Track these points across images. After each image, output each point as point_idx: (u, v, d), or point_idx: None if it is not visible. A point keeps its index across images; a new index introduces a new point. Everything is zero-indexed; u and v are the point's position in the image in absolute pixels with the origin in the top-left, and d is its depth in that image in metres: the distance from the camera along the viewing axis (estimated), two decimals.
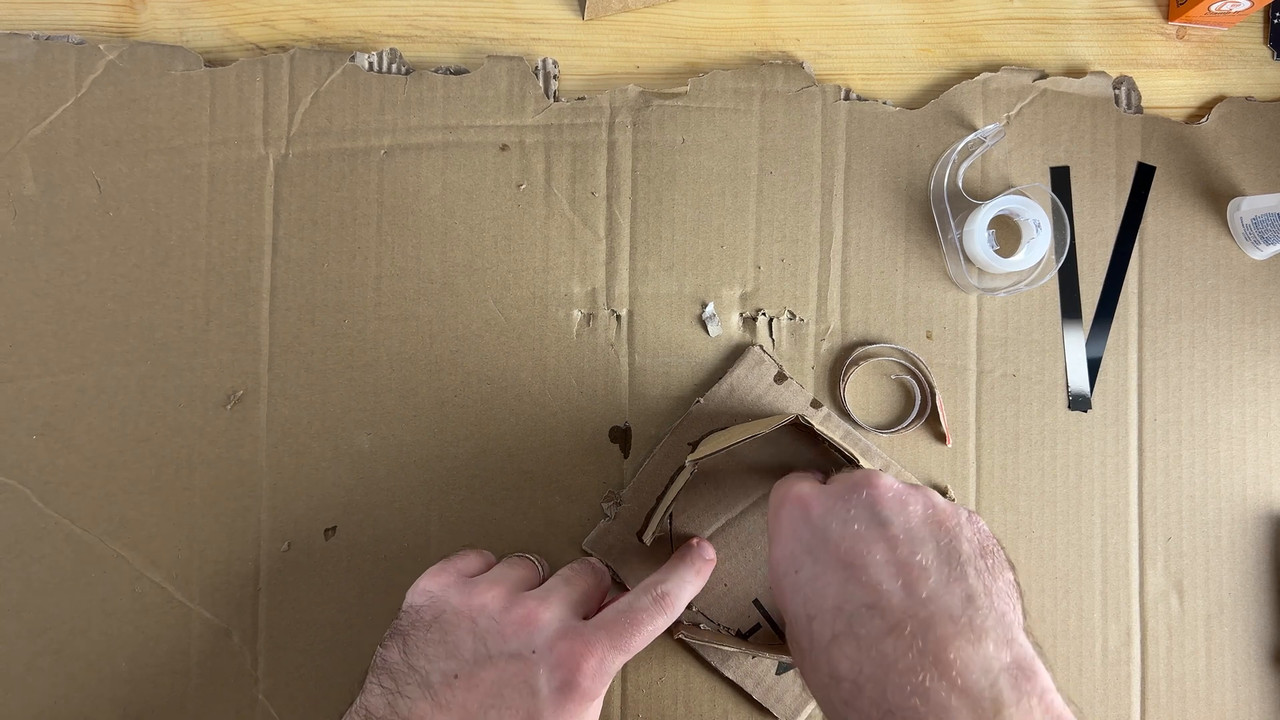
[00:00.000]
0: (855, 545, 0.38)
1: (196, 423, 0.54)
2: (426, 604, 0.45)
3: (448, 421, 0.54)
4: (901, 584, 0.36)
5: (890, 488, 0.41)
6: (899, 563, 0.37)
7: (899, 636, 0.35)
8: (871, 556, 0.38)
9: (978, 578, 0.37)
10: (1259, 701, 0.54)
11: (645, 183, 0.55)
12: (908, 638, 0.35)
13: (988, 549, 0.39)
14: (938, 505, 0.40)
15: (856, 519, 0.39)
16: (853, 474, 0.43)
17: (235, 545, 0.54)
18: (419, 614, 0.44)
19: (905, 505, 0.40)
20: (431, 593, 0.45)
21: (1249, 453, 0.55)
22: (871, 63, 0.57)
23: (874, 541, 0.38)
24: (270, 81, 0.55)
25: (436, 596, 0.45)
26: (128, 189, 0.54)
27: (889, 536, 0.38)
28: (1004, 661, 0.34)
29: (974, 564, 0.38)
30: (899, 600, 0.36)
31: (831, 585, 0.38)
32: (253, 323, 0.54)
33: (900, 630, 0.35)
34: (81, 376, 0.54)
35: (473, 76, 0.55)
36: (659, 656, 0.53)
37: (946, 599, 0.36)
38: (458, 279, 0.55)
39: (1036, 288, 0.55)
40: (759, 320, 0.55)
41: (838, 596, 0.37)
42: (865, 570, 0.37)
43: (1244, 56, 0.57)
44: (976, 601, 0.36)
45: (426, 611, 0.44)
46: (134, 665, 0.53)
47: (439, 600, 0.45)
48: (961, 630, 0.35)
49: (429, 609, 0.44)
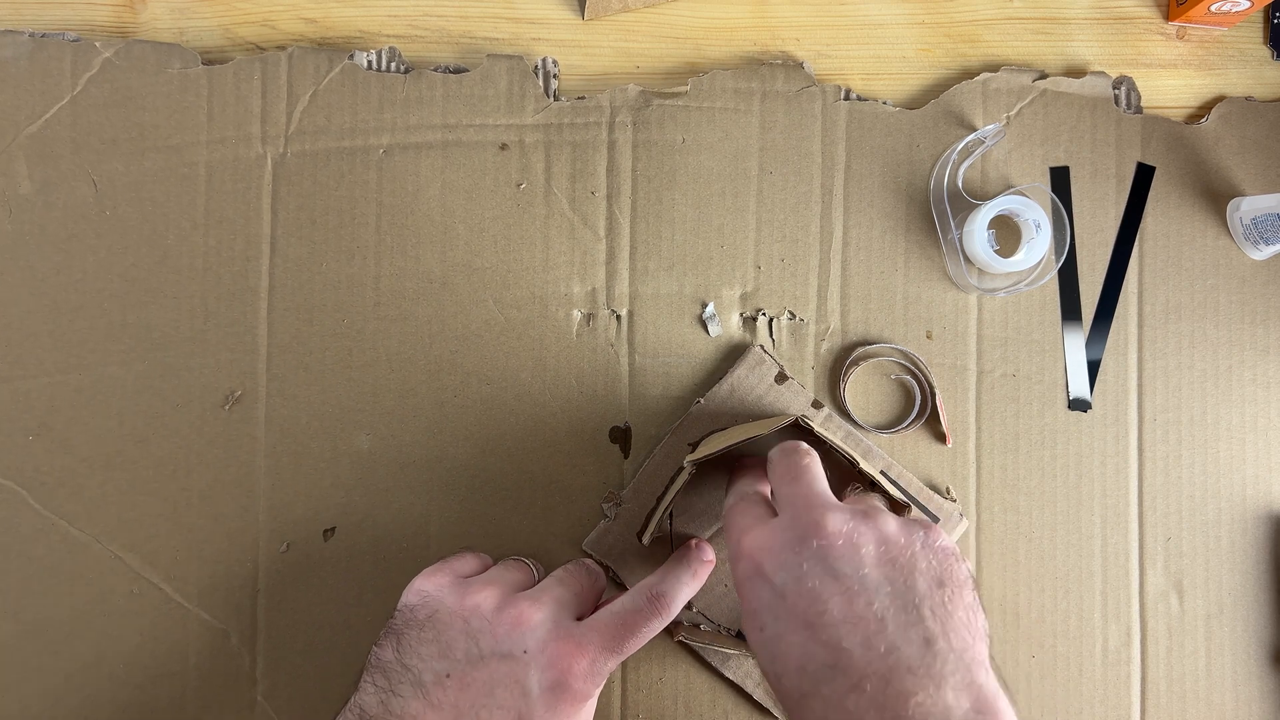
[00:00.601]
0: (812, 604, 0.38)
1: (194, 423, 0.53)
2: (420, 603, 0.45)
3: (447, 422, 0.54)
4: (860, 639, 0.36)
5: (839, 532, 0.40)
6: (856, 618, 0.37)
7: (860, 693, 0.35)
8: (829, 613, 0.37)
9: (934, 618, 0.37)
10: (1259, 701, 0.54)
11: (645, 182, 0.55)
12: (869, 695, 0.35)
13: (946, 576, 0.39)
14: (890, 539, 0.40)
15: (810, 574, 0.39)
16: (799, 515, 0.41)
17: (234, 546, 0.53)
18: (413, 613, 0.44)
19: (858, 549, 0.39)
20: (426, 592, 0.45)
21: (1249, 453, 0.55)
22: (871, 63, 0.57)
23: (830, 596, 0.38)
24: (268, 80, 0.54)
25: (431, 596, 0.45)
26: (124, 188, 0.54)
27: (844, 589, 0.38)
28: (963, 709, 0.34)
29: (929, 601, 0.38)
30: (858, 656, 0.36)
31: (794, 646, 0.38)
32: (251, 323, 0.54)
33: (861, 688, 0.35)
34: (78, 377, 0.54)
35: (472, 75, 0.55)
36: (658, 657, 0.53)
37: (905, 649, 0.36)
38: (457, 279, 0.54)
39: (1036, 288, 0.55)
40: (759, 320, 0.55)
41: (800, 657, 0.37)
42: (824, 629, 0.37)
43: (1244, 56, 0.57)
44: (934, 645, 0.36)
45: (421, 611, 0.44)
46: (132, 667, 0.53)
47: (433, 600, 0.45)
48: (920, 681, 0.35)
49: (423, 608, 0.44)
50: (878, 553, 0.39)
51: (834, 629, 0.37)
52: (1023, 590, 0.54)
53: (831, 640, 0.37)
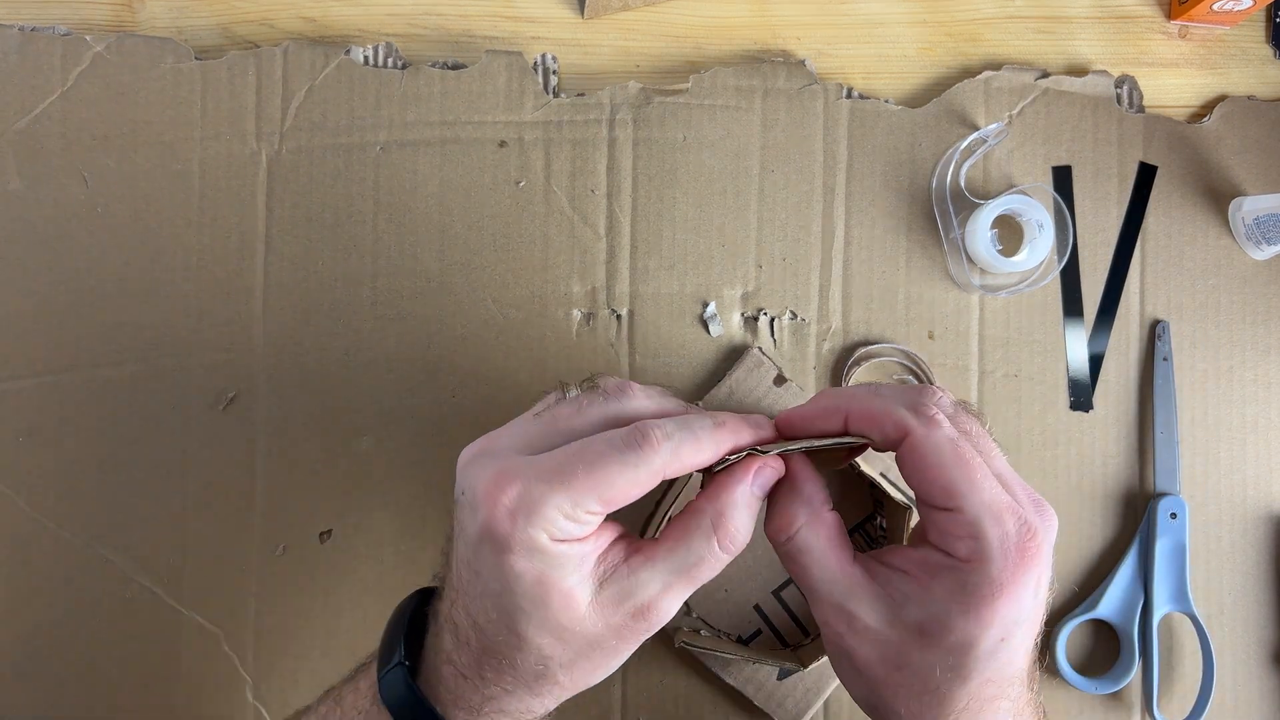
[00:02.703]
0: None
1: (188, 424, 0.53)
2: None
3: (446, 423, 0.53)
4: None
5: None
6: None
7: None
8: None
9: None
10: (1259, 701, 0.54)
11: (646, 180, 0.54)
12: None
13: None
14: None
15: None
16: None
17: (228, 549, 0.53)
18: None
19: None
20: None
21: (1249, 453, 0.55)
22: (873, 61, 0.56)
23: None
24: (263, 75, 0.54)
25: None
26: (116, 185, 0.53)
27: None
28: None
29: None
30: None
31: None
32: (245, 322, 0.53)
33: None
34: (69, 377, 0.53)
35: (470, 72, 0.54)
36: (659, 662, 0.53)
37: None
38: (455, 278, 0.54)
39: (1038, 288, 0.54)
40: (760, 320, 0.54)
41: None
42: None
43: (1246, 56, 0.57)
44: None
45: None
46: (125, 670, 0.52)
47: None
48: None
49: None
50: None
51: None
52: None
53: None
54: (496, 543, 0.33)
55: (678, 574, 0.35)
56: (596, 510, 0.33)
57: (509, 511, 0.33)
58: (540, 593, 0.33)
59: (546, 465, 0.33)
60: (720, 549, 0.35)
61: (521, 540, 0.33)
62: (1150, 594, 0.53)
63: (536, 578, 0.33)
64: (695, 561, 0.35)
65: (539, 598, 0.33)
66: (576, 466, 0.33)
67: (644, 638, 0.36)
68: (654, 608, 0.35)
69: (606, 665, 0.36)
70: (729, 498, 0.35)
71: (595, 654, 0.35)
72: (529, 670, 0.35)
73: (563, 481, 0.33)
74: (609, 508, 0.34)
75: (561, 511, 0.32)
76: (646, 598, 0.35)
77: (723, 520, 0.35)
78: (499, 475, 0.33)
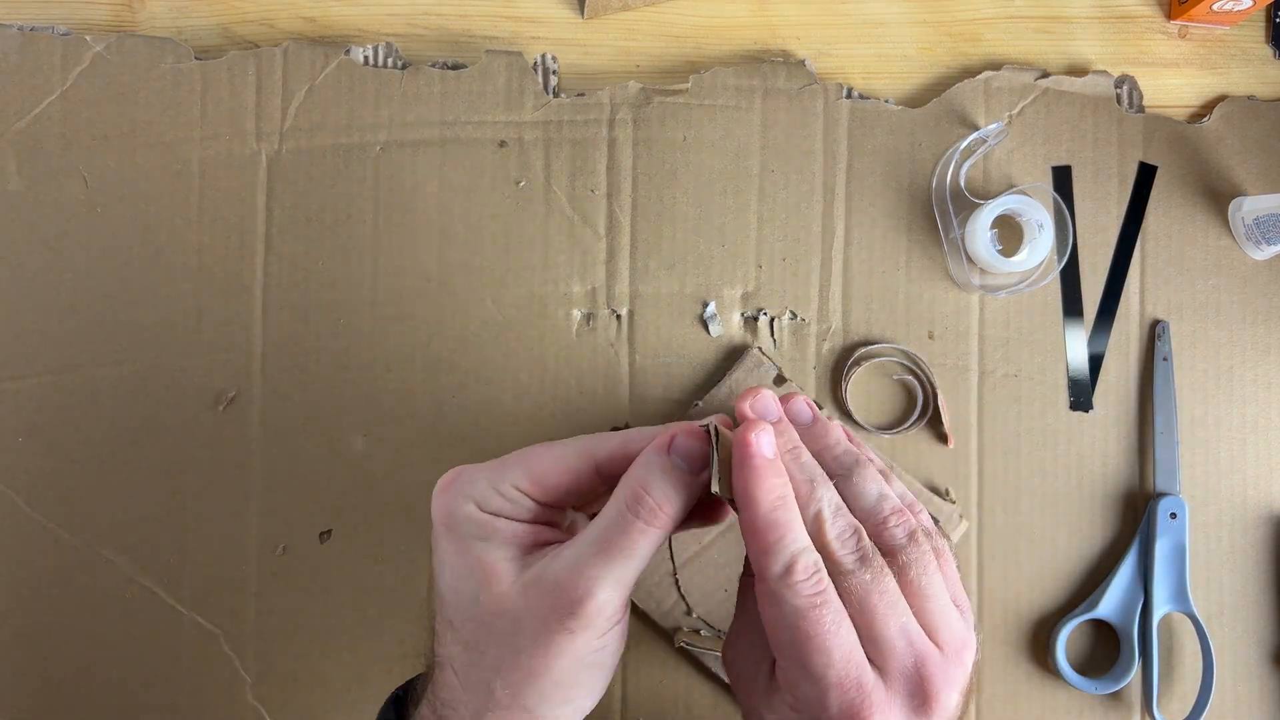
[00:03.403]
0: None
1: (187, 424, 0.53)
2: None
3: (445, 423, 0.53)
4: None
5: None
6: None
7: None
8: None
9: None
10: (1259, 701, 0.54)
11: (646, 180, 0.54)
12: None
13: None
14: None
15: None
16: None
17: (227, 549, 0.53)
18: None
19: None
20: None
21: (1249, 453, 0.55)
22: (873, 61, 0.56)
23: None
24: (263, 75, 0.54)
25: None
26: (116, 184, 0.53)
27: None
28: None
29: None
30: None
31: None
32: (245, 322, 0.53)
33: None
34: (69, 377, 0.53)
35: (470, 72, 0.54)
36: (659, 662, 0.53)
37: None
38: (455, 278, 0.54)
39: (1038, 288, 0.54)
40: (760, 320, 0.54)
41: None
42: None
43: (1246, 56, 0.57)
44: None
45: None
46: (124, 671, 0.52)
47: None
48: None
49: None
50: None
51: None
52: (1024, 590, 0.54)
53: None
54: (441, 521, 0.35)
55: (594, 546, 0.33)
56: (524, 487, 0.35)
57: (446, 492, 0.35)
58: (465, 565, 0.34)
59: (489, 461, 0.36)
60: (631, 513, 0.33)
61: (454, 512, 0.35)
62: (1150, 594, 0.53)
63: (462, 548, 0.35)
64: (608, 529, 0.34)
65: (464, 570, 0.35)
66: (517, 452, 0.36)
67: (575, 633, 0.33)
68: (569, 584, 0.33)
69: (544, 679, 0.34)
70: (641, 460, 0.35)
71: (526, 655, 0.34)
72: (469, 681, 0.34)
73: (495, 463, 0.36)
74: (538, 486, 0.35)
75: (490, 483, 0.35)
76: (561, 572, 0.33)
77: (631, 483, 0.34)
78: (451, 472, 0.36)
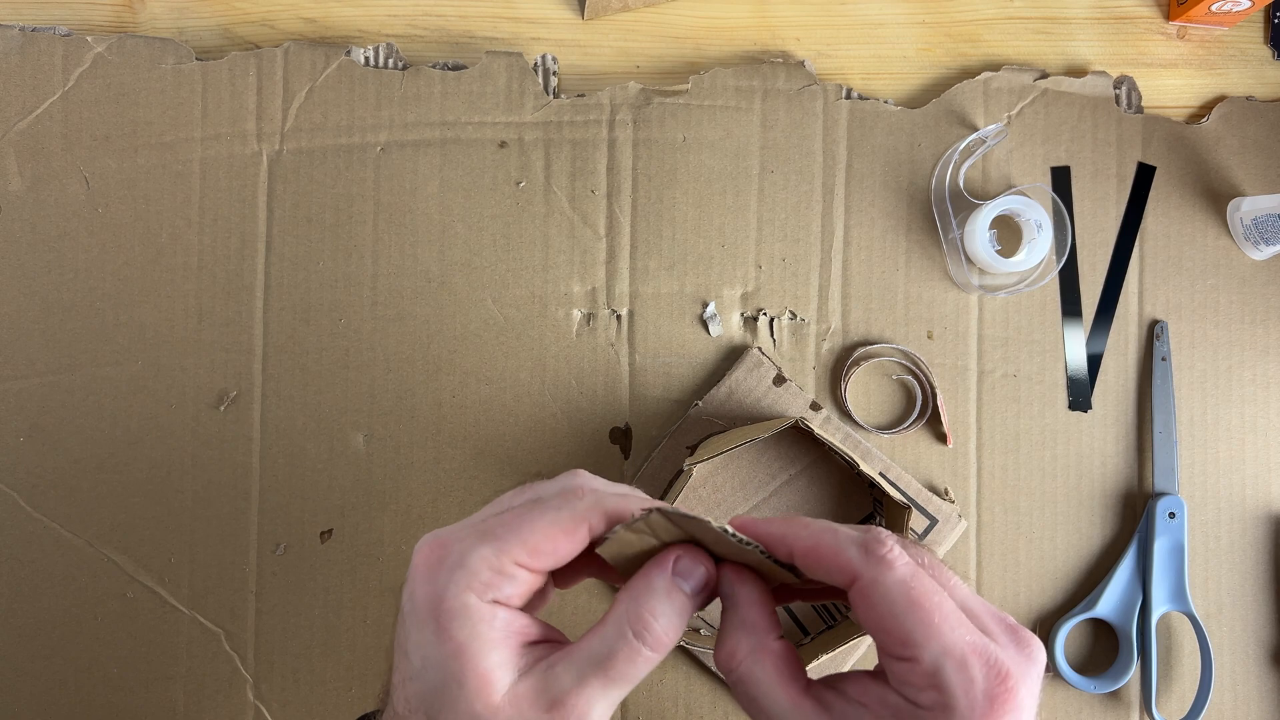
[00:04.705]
0: None
1: (189, 424, 0.53)
2: None
3: (445, 423, 0.53)
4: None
5: None
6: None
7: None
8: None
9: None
10: (1258, 701, 0.54)
11: (646, 181, 0.54)
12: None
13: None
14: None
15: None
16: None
17: (228, 549, 0.53)
18: None
19: None
20: None
21: (1249, 453, 0.55)
22: (872, 62, 0.57)
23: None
24: (264, 76, 0.54)
25: None
26: (117, 185, 0.53)
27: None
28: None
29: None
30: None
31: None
32: (246, 322, 0.53)
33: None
34: (70, 377, 0.53)
35: (471, 72, 0.54)
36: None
37: None
38: (455, 278, 0.54)
39: (1037, 288, 0.55)
40: (760, 320, 0.54)
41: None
42: None
43: (1245, 56, 0.57)
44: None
45: None
46: (125, 670, 0.52)
47: None
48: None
49: None
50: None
51: None
52: (1023, 590, 0.54)
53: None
54: (428, 609, 0.32)
55: (592, 666, 0.32)
56: (524, 561, 0.32)
57: (434, 573, 0.32)
58: (458, 669, 0.32)
59: (474, 523, 0.33)
60: (634, 638, 0.32)
61: (446, 603, 0.32)
62: (1149, 593, 0.53)
63: (457, 649, 0.32)
64: (608, 652, 0.32)
65: (457, 674, 0.32)
66: (502, 519, 0.33)
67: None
68: (566, 704, 0.32)
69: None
70: (644, 583, 0.33)
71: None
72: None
73: (488, 532, 0.32)
74: (536, 558, 0.33)
75: (487, 563, 0.32)
76: (560, 690, 0.32)
77: (637, 607, 0.33)
78: (432, 542, 0.33)
